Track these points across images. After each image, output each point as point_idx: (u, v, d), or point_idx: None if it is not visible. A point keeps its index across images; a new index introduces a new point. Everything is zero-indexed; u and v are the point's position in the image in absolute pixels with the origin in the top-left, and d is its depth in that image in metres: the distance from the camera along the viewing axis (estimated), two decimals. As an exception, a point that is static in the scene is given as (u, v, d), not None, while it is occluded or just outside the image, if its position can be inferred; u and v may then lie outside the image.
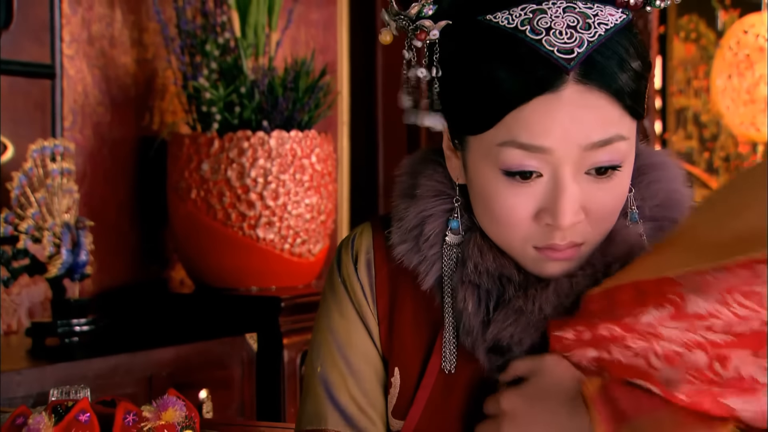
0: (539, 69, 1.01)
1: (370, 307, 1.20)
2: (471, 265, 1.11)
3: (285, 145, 2.56)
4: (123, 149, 2.72)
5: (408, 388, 1.18)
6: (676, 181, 1.17)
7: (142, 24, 2.76)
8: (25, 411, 1.07)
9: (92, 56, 2.63)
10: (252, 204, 2.55)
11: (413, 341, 1.18)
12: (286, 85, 2.59)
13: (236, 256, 2.55)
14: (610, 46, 1.02)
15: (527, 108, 1.02)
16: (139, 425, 1.08)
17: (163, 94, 2.82)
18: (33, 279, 2.48)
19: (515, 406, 1.10)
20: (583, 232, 1.08)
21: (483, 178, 1.07)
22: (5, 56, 2.39)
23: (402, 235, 1.15)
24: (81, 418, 1.06)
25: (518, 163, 1.04)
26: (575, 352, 1.09)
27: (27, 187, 2.23)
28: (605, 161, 1.04)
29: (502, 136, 1.04)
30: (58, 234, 2.25)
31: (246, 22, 2.61)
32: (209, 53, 2.57)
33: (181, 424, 1.09)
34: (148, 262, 2.80)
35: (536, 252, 1.08)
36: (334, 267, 1.23)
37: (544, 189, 1.05)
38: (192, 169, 2.57)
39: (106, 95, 2.67)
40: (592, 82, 1.02)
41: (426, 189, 1.15)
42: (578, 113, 1.02)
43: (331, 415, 1.19)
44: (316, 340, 1.23)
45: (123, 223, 2.73)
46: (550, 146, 1.02)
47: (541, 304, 1.09)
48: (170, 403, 1.09)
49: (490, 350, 1.11)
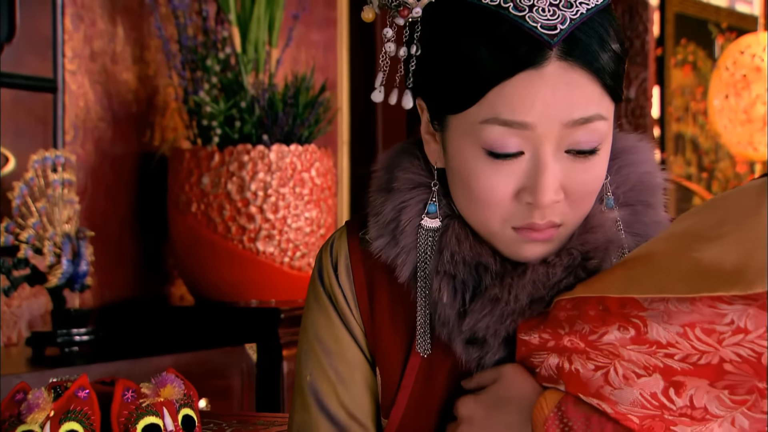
0: (522, 45, 1.02)
1: (352, 311, 1.20)
2: (447, 254, 1.11)
3: (285, 159, 2.58)
4: (124, 164, 2.74)
5: (390, 387, 1.18)
6: (647, 163, 1.17)
7: (143, 41, 2.79)
8: (24, 387, 1.08)
9: (94, 72, 2.66)
10: (252, 217, 2.56)
11: (392, 341, 1.18)
12: (287, 101, 2.62)
13: (236, 270, 2.56)
14: (592, 25, 1.04)
15: (509, 84, 1.03)
16: (137, 402, 1.08)
17: (164, 110, 2.84)
18: (33, 292, 2.48)
19: (472, 412, 1.11)
20: (562, 212, 1.08)
21: (463, 157, 1.07)
22: (8, 69, 2.42)
23: (379, 230, 1.15)
24: (80, 395, 1.07)
25: (500, 141, 1.04)
26: (538, 356, 1.10)
27: (28, 196, 2.25)
28: (584, 141, 1.05)
29: (484, 114, 1.04)
30: (59, 244, 2.26)
31: (246, 38, 2.63)
32: (210, 68, 2.59)
33: (179, 401, 1.10)
34: (148, 277, 2.80)
35: (515, 233, 1.08)
36: (316, 274, 1.23)
37: (525, 167, 1.05)
38: (192, 183, 2.58)
39: (108, 111, 2.69)
40: (575, 59, 1.03)
41: (403, 182, 1.15)
42: (560, 90, 1.03)
43: (321, 423, 1.20)
44: (303, 348, 1.23)
45: (124, 238, 2.74)
46: (532, 122, 1.03)
47: (517, 293, 1.08)
48: (169, 381, 1.10)
49: (467, 342, 1.11)
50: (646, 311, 1.01)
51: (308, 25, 3.22)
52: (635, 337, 1.02)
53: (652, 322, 1.01)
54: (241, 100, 2.58)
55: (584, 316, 1.05)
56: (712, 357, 1.00)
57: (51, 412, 1.05)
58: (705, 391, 1.01)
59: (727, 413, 1.02)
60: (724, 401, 1.01)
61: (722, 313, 0.98)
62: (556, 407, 1.07)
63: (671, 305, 1.00)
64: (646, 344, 1.02)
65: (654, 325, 1.01)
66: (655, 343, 1.01)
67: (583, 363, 1.06)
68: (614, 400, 1.05)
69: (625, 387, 1.04)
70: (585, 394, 1.07)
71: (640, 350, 1.02)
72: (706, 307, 0.98)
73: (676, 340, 1.00)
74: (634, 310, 1.02)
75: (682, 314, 1.00)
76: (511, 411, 1.09)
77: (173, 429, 1.07)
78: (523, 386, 1.10)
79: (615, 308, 1.04)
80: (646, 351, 1.02)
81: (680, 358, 1.01)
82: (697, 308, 0.99)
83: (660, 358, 1.02)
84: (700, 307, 0.99)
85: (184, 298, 2.84)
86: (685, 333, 1.00)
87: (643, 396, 1.03)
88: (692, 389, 1.02)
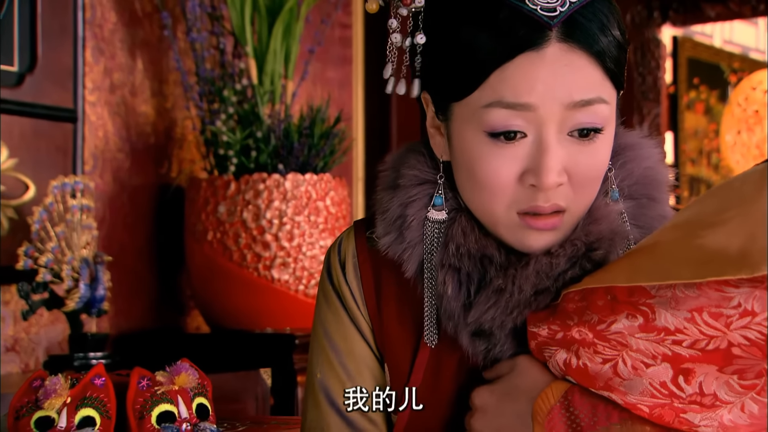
0: (522, 27, 1.04)
1: (360, 310, 1.21)
2: (453, 247, 1.12)
3: (300, 188, 2.61)
4: (142, 195, 2.77)
5: (399, 382, 1.19)
6: (650, 159, 1.18)
7: (162, 75, 2.83)
8: (42, 374, 1.10)
9: (113, 104, 2.70)
10: (267, 245, 2.58)
11: (400, 337, 1.20)
12: (302, 131, 2.65)
13: (251, 297, 2.58)
14: (592, 9, 1.06)
15: (510, 66, 1.04)
16: (152, 389, 1.10)
17: (181, 143, 2.88)
18: (51, 319, 2.51)
19: (485, 401, 1.12)
20: (566, 196, 1.09)
21: (467, 144, 1.09)
22: (29, 99, 2.46)
23: (386, 227, 1.16)
24: (96, 382, 1.09)
25: (503, 123, 1.06)
26: (546, 351, 1.10)
27: (47, 221, 2.28)
28: (587, 122, 1.07)
29: (486, 98, 1.06)
30: (77, 268, 2.29)
31: (263, 70, 2.68)
32: (227, 99, 2.64)
33: (193, 390, 1.11)
34: (164, 307, 2.83)
35: (520, 219, 1.09)
36: (325, 273, 1.24)
37: (528, 150, 1.07)
38: (209, 212, 2.62)
39: (126, 142, 2.74)
40: (575, 41, 1.05)
41: (408, 179, 1.16)
42: (561, 71, 1.05)
43: (332, 420, 1.21)
44: (314, 347, 1.24)
45: (141, 268, 2.76)
46: (534, 103, 1.05)
47: (521, 284, 1.09)
48: (183, 369, 1.11)
49: (473, 335, 1.12)
50: (654, 298, 1.02)
51: (324, 62, 3.26)
52: (643, 324, 1.03)
53: (659, 308, 1.02)
54: (257, 130, 2.62)
55: (593, 306, 1.06)
56: (720, 342, 1.00)
57: (68, 398, 1.07)
58: (714, 377, 1.02)
59: (736, 399, 1.02)
60: (733, 387, 1.01)
61: (729, 297, 0.98)
62: (563, 397, 1.08)
63: (678, 291, 1.01)
64: (654, 331, 1.02)
65: (662, 312, 1.01)
66: (663, 330, 1.02)
67: (591, 357, 1.06)
68: (624, 391, 1.05)
69: (635, 377, 1.04)
70: (594, 388, 1.08)
71: (649, 338, 1.03)
72: (713, 291, 0.99)
73: (684, 326, 1.01)
74: (642, 298, 1.03)
75: (689, 299, 1.00)
76: (522, 400, 1.10)
77: (187, 416, 1.09)
78: (536, 376, 1.11)
79: (623, 297, 1.04)
80: (654, 339, 1.03)
81: (688, 344, 1.01)
82: (703, 293, 0.99)
83: (668, 345, 1.02)
84: (706, 292, 0.99)
85: (200, 329, 2.86)
86: (693, 318, 1.00)
87: (653, 385, 1.04)
88: (701, 376, 1.02)
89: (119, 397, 1.10)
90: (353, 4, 3.39)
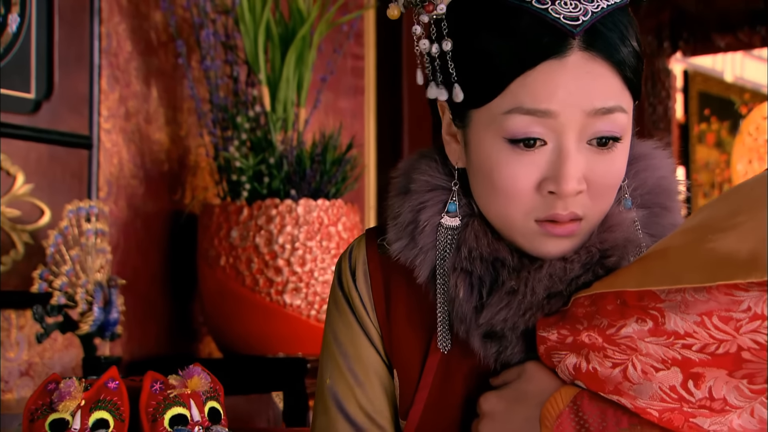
0: (545, 35, 1.06)
1: (370, 316, 1.22)
2: (465, 251, 1.13)
3: (312, 213, 2.63)
4: (155, 222, 2.79)
5: (409, 388, 1.20)
6: (663, 168, 1.20)
7: (176, 103, 2.87)
8: (56, 377, 1.11)
9: (128, 131, 2.73)
10: (279, 270, 2.60)
11: (410, 342, 1.20)
12: (314, 158, 2.67)
13: (263, 322, 2.60)
14: (612, 20, 1.08)
15: (533, 74, 1.06)
16: (165, 392, 1.11)
17: (195, 170, 2.91)
18: (65, 344, 2.53)
19: (493, 407, 1.13)
20: (584, 205, 1.10)
21: (486, 150, 1.10)
22: (45, 125, 2.50)
23: (398, 233, 1.17)
24: (110, 385, 1.10)
25: (523, 130, 1.07)
26: (556, 356, 1.11)
27: (62, 245, 2.30)
28: (606, 131, 1.08)
29: (507, 104, 1.07)
30: (91, 291, 2.31)
31: (276, 97, 2.71)
32: (240, 126, 2.67)
33: (206, 393, 1.12)
34: (177, 334, 2.84)
35: (538, 226, 1.10)
36: (335, 280, 1.26)
37: (548, 158, 1.08)
38: (222, 237, 2.63)
39: (141, 169, 2.76)
40: (596, 50, 1.06)
41: (420, 184, 1.17)
42: (582, 79, 1.06)
43: (341, 425, 1.22)
44: (324, 353, 1.25)
45: (154, 294, 2.78)
46: (555, 110, 1.06)
47: (534, 286, 1.10)
48: (195, 373, 1.12)
49: (485, 336, 1.13)
50: (664, 302, 1.02)
51: (336, 92, 3.30)
52: (653, 328, 1.03)
53: (669, 312, 1.02)
54: (269, 156, 2.64)
55: (602, 311, 1.06)
56: (730, 345, 1.00)
57: (82, 401, 1.08)
58: (724, 381, 1.01)
59: (746, 404, 1.02)
60: (743, 391, 1.01)
61: (739, 300, 0.98)
62: (572, 402, 1.08)
63: (688, 295, 1.01)
64: (663, 335, 1.02)
65: (671, 316, 1.02)
66: (672, 334, 1.02)
67: (601, 361, 1.06)
68: (633, 395, 1.05)
69: (644, 381, 1.04)
70: (604, 392, 1.07)
71: (658, 342, 1.03)
72: (723, 295, 0.99)
73: (694, 330, 1.01)
74: (652, 302, 1.03)
75: (699, 303, 1.00)
76: (531, 405, 1.10)
77: (200, 420, 1.10)
78: (545, 381, 1.11)
79: (633, 301, 1.04)
80: (663, 343, 1.03)
81: (698, 348, 1.01)
82: (713, 296, 0.99)
83: (678, 349, 1.02)
84: (716, 296, 0.99)
85: (212, 356, 2.87)
86: (703, 322, 1.00)
87: (662, 389, 1.03)
88: (711, 380, 1.02)
89: (132, 401, 1.11)
90: (365, 35, 3.43)
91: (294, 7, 2.70)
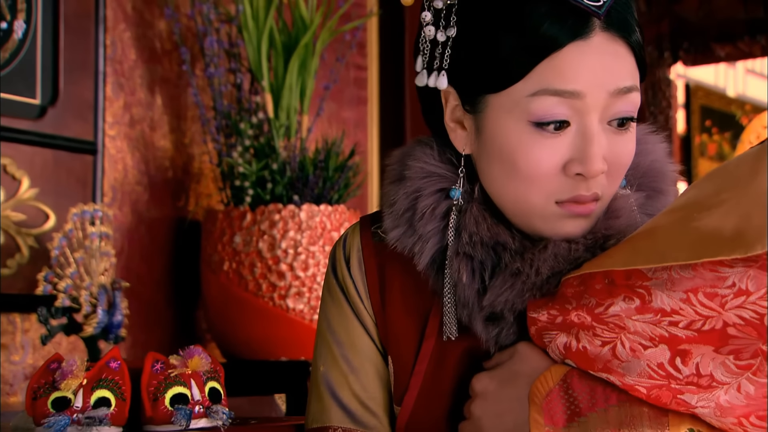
0: (570, 17, 1.07)
1: (364, 303, 1.23)
2: (466, 236, 1.13)
3: (315, 218, 2.65)
4: (159, 228, 2.82)
5: (403, 374, 1.21)
6: (655, 152, 1.21)
7: (180, 111, 2.89)
8: (59, 357, 1.13)
9: (133, 138, 2.76)
10: (282, 275, 2.62)
11: (405, 329, 1.21)
12: (317, 164, 2.69)
13: (266, 327, 2.61)
14: (624, 3, 1.10)
15: (559, 55, 1.07)
16: (166, 372, 1.13)
17: (198, 177, 2.93)
18: (69, 347, 2.54)
19: (485, 387, 1.14)
20: (603, 185, 1.11)
21: (507, 134, 1.10)
22: (50, 131, 2.52)
23: (395, 220, 1.17)
24: (112, 365, 1.12)
25: (549, 112, 1.07)
26: (547, 336, 1.12)
27: (66, 247, 2.32)
28: (625, 110, 1.10)
29: (531, 87, 1.08)
30: (95, 294, 2.33)
31: (279, 104, 2.73)
32: (243, 132, 2.69)
33: (206, 374, 1.14)
34: (180, 340, 2.85)
35: (559, 208, 1.11)
36: (330, 267, 1.27)
37: (572, 139, 1.09)
38: (225, 243, 2.65)
39: (145, 175, 2.79)
40: (616, 31, 1.08)
41: (415, 171, 1.17)
42: (606, 59, 1.08)
43: (334, 412, 1.23)
44: (318, 340, 1.27)
45: (158, 300, 2.80)
46: (582, 90, 1.07)
47: (539, 266, 1.11)
48: (196, 353, 1.14)
49: (487, 320, 1.14)
50: (650, 280, 1.04)
51: (339, 102, 3.32)
52: (640, 306, 1.04)
53: (656, 290, 1.03)
54: (272, 162, 2.67)
55: (590, 290, 1.08)
56: (715, 322, 1.02)
57: (84, 380, 1.10)
58: (710, 358, 1.03)
59: (732, 379, 1.03)
60: (729, 367, 1.03)
61: (724, 277, 1.00)
62: (562, 380, 1.09)
63: (674, 273, 1.03)
64: (650, 313, 1.04)
65: (658, 294, 1.03)
66: (659, 311, 1.04)
67: (590, 340, 1.08)
68: (622, 373, 1.07)
69: (633, 359, 1.06)
70: (593, 370, 1.09)
71: (645, 320, 1.05)
72: (708, 272, 1.01)
73: (680, 307, 1.02)
74: (639, 281, 1.05)
75: (684, 280, 1.02)
76: (522, 385, 1.12)
77: (200, 399, 1.11)
78: (536, 361, 1.13)
79: (620, 280, 1.06)
80: (651, 320, 1.04)
81: (684, 325, 1.03)
82: (699, 273, 1.01)
83: (665, 327, 1.04)
84: (701, 272, 1.01)
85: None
86: (689, 299, 1.02)
87: (650, 367, 1.05)
88: (698, 357, 1.03)
89: (134, 380, 1.13)
90: (368, 45, 3.45)
91: (297, 15, 2.73)
